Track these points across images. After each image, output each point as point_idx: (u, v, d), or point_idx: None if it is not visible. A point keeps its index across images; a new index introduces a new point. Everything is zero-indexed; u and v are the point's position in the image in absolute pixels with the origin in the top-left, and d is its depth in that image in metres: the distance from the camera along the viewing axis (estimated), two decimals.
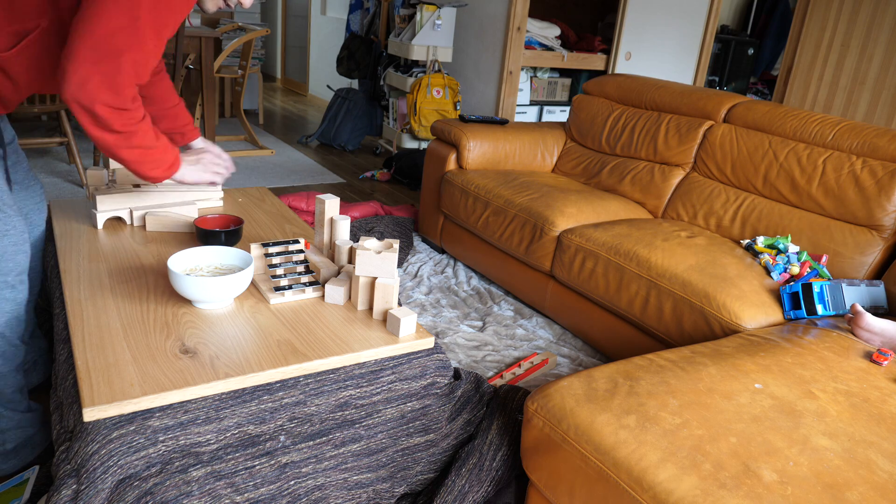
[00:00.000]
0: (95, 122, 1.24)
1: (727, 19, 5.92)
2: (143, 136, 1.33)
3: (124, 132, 1.28)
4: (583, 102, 2.98)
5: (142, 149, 1.34)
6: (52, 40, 1.26)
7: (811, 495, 0.99)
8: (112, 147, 1.29)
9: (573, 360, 2.14)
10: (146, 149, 1.35)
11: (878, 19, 3.40)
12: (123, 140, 1.29)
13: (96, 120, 1.24)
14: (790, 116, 2.26)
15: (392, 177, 4.15)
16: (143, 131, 1.32)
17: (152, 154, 1.37)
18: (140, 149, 1.33)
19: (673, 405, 1.19)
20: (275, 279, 1.44)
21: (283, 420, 1.16)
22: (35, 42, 1.25)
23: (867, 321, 1.54)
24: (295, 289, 1.41)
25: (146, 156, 1.36)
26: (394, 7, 4.64)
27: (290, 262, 1.51)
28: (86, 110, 1.22)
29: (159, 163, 1.40)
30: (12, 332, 1.35)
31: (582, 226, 2.23)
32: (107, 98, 1.21)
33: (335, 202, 1.52)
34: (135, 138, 1.31)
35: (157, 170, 1.39)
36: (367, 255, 1.33)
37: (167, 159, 1.42)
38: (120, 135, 1.28)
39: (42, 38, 1.25)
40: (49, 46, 1.26)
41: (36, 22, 1.23)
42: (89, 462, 0.99)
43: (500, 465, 1.37)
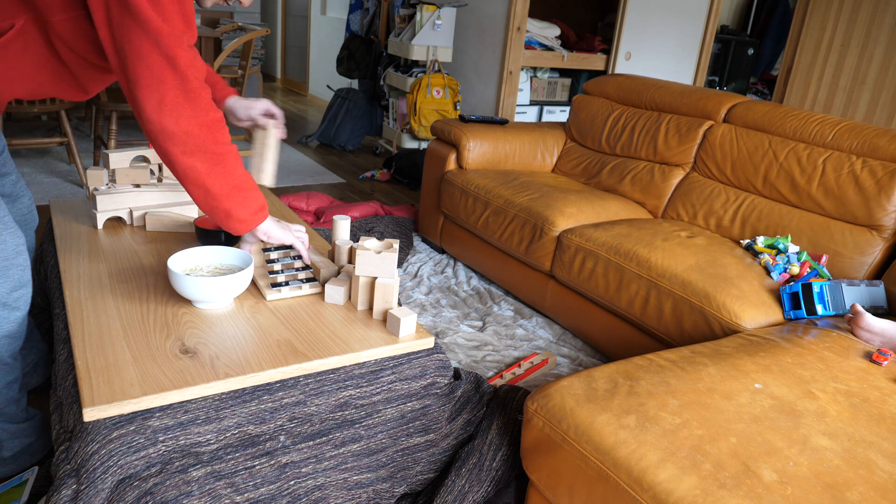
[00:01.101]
0: (184, 145, 1.16)
1: (727, 19, 5.92)
2: (233, 165, 1.24)
3: (217, 152, 1.20)
4: (583, 102, 2.98)
5: (232, 179, 1.24)
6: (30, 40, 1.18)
7: (811, 495, 0.99)
8: (201, 175, 1.20)
9: (573, 360, 2.14)
10: (237, 180, 1.25)
11: (878, 19, 3.40)
12: (214, 166, 1.21)
13: (185, 142, 1.16)
14: (790, 116, 2.26)
15: (392, 177, 4.15)
16: (232, 157, 1.24)
17: (242, 189, 1.26)
18: (230, 178, 1.24)
19: (673, 405, 1.19)
20: (272, 275, 1.45)
21: (283, 420, 1.16)
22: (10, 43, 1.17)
23: (867, 321, 1.54)
24: (292, 285, 1.41)
25: (236, 190, 1.25)
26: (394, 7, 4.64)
27: (287, 257, 1.51)
28: (172, 134, 1.15)
29: (249, 202, 1.29)
30: (5, 349, 1.29)
31: (582, 226, 2.23)
32: (189, 111, 1.15)
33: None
34: (226, 164, 1.22)
35: (244, 209, 1.28)
36: (367, 255, 1.33)
37: (256, 200, 1.31)
38: (211, 157, 1.20)
39: (18, 39, 1.17)
40: (26, 47, 1.18)
41: (10, 21, 1.15)
42: (89, 462, 0.99)
43: (500, 465, 1.37)
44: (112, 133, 3.31)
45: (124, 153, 1.75)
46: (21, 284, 1.29)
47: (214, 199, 1.24)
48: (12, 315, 1.28)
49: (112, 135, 3.31)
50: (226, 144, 1.22)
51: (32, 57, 1.20)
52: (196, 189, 1.22)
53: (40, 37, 1.18)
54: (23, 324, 1.32)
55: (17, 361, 1.34)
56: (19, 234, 1.28)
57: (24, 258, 1.29)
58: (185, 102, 1.15)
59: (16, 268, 1.27)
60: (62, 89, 1.28)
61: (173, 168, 1.20)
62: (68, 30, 1.17)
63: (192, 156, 1.18)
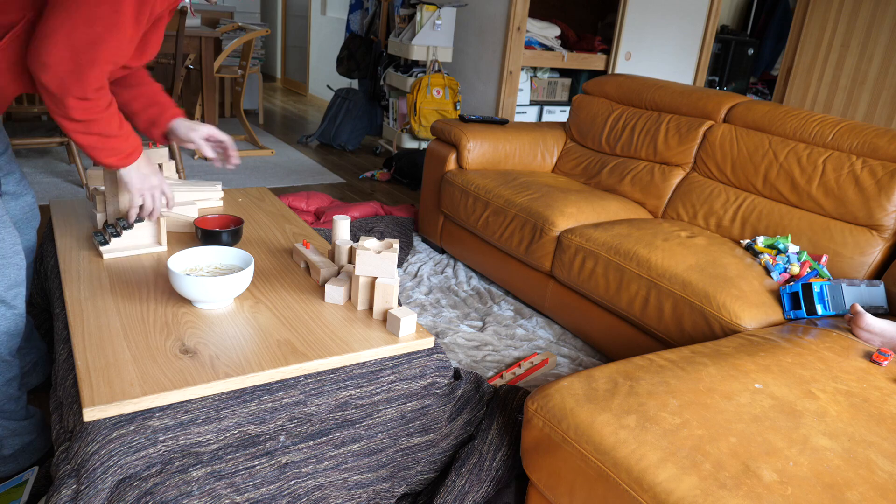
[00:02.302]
0: (59, 108, 1.22)
1: (727, 19, 5.92)
2: (105, 125, 1.30)
3: (85, 120, 1.26)
4: (583, 102, 2.98)
5: (99, 136, 1.31)
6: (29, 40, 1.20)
7: (811, 495, 0.99)
8: (70, 132, 1.28)
9: (573, 360, 2.14)
10: (105, 137, 1.32)
11: (878, 19, 3.40)
12: (83, 127, 1.27)
13: (60, 107, 1.21)
14: (790, 116, 2.26)
15: (392, 177, 4.15)
16: (105, 119, 1.29)
17: (110, 142, 1.34)
18: (97, 136, 1.30)
19: (673, 405, 1.19)
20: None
21: (283, 420, 1.16)
22: (19, 36, 1.18)
23: (867, 321, 1.54)
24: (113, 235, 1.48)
25: (103, 143, 1.32)
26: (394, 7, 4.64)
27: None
28: (53, 96, 1.19)
29: (115, 151, 1.36)
30: (3, 346, 1.30)
31: (582, 226, 2.23)
32: (76, 90, 1.19)
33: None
34: (95, 126, 1.28)
35: (111, 157, 1.36)
36: (367, 255, 1.33)
37: (124, 149, 1.38)
38: (80, 122, 1.26)
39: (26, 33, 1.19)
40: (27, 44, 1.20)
41: (21, 13, 1.17)
42: (89, 462, 0.99)
43: (500, 465, 1.37)
44: None
45: None
46: (18, 282, 1.30)
47: (82, 148, 1.31)
48: (10, 312, 1.29)
49: None
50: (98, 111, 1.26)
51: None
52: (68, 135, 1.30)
53: None
54: (20, 321, 1.32)
55: (16, 359, 1.34)
56: (15, 233, 1.29)
57: (21, 257, 1.30)
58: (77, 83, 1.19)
59: (12, 266, 1.28)
60: None
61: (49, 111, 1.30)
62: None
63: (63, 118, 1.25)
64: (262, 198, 2.05)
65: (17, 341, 1.33)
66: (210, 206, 1.89)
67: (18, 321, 1.32)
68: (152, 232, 1.56)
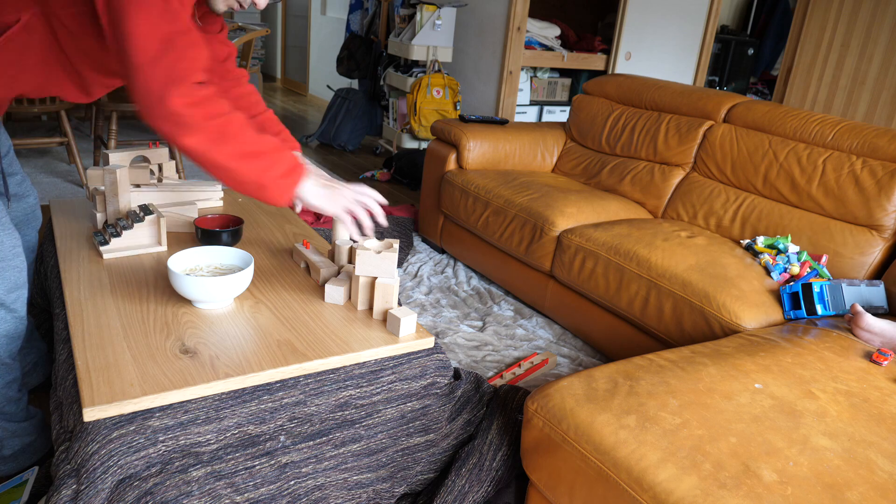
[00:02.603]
0: (178, 125, 1.09)
1: (727, 19, 5.92)
2: (239, 133, 1.13)
3: (211, 127, 1.11)
4: (583, 102, 2.98)
5: (240, 148, 1.13)
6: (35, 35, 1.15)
7: (811, 495, 0.99)
8: (205, 152, 1.11)
9: (573, 360, 2.14)
10: (246, 147, 1.14)
11: (878, 19, 3.40)
12: (215, 139, 1.11)
13: (178, 122, 1.09)
14: (790, 116, 2.26)
15: (392, 177, 4.15)
16: (234, 124, 1.14)
17: (258, 154, 1.14)
18: (237, 147, 1.13)
19: (673, 405, 1.19)
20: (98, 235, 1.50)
21: (283, 420, 1.16)
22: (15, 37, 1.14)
23: (867, 321, 1.54)
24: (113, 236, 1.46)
25: (250, 157, 1.14)
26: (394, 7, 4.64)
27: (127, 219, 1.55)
28: (164, 117, 1.08)
29: (271, 165, 1.15)
30: (3, 349, 1.28)
31: (582, 226, 2.23)
32: (176, 90, 1.07)
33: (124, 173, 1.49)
34: (227, 135, 1.12)
35: (267, 173, 1.15)
36: (367, 255, 1.33)
37: (282, 161, 1.17)
38: (207, 131, 1.11)
39: (23, 34, 1.14)
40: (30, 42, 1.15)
41: (17, 14, 1.13)
42: (89, 462, 0.99)
43: (500, 465, 1.37)
44: (112, 133, 3.31)
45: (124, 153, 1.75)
46: (18, 285, 1.29)
47: (235, 173, 1.13)
48: (10, 315, 1.28)
49: (112, 135, 3.31)
50: (221, 116, 1.13)
51: (37, 52, 1.18)
52: (215, 170, 1.13)
53: (46, 32, 1.16)
54: (21, 324, 1.31)
55: (16, 362, 1.34)
56: (16, 235, 1.27)
57: (21, 259, 1.29)
58: (173, 83, 1.08)
59: (12, 269, 1.27)
60: (65, 88, 1.27)
61: (185, 153, 1.13)
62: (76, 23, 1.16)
63: (192, 136, 1.11)
64: None
65: (18, 344, 1.32)
66: (210, 206, 1.89)
67: (19, 325, 1.31)
68: (152, 232, 1.56)
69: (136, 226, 1.53)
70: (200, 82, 1.13)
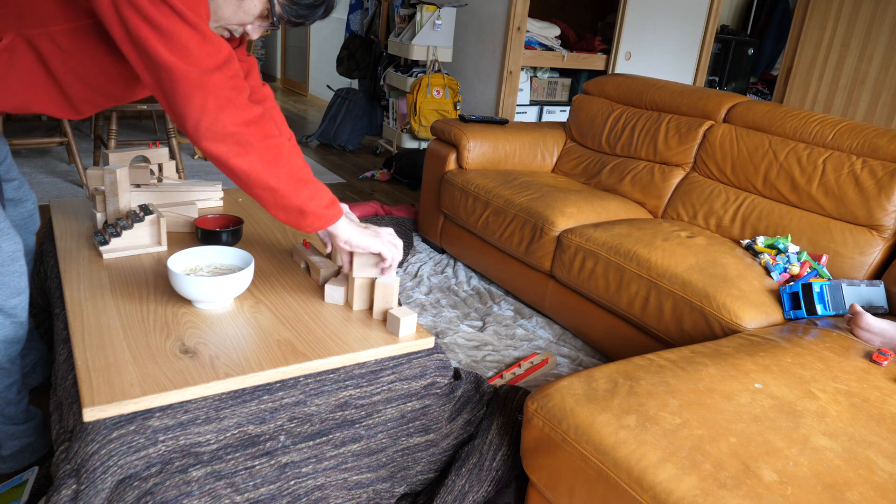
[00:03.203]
0: (235, 147, 1.10)
1: (727, 19, 5.92)
2: (290, 156, 1.16)
3: (269, 146, 1.13)
4: (583, 102, 2.98)
5: (293, 171, 1.16)
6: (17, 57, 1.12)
7: (811, 495, 0.99)
8: (259, 173, 1.13)
9: (573, 360, 2.14)
10: (298, 172, 1.16)
11: (878, 19, 3.40)
12: (271, 161, 1.13)
13: (234, 144, 1.10)
14: (790, 116, 2.26)
15: (392, 177, 4.15)
16: (287, 148, 1.16)
17: (307, 182, 1.18)
18: (290, 171, 1.15)
19: (673, 405, 1.19)
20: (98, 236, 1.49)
21: (283, 420, 1.16)
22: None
23: (867, 321, 1.54)
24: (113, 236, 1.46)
25: (302, 183, 1.17)
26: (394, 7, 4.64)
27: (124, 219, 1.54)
28: (220, 140, 1.09)
29: (318, 194, 1.19)
30: (2, 354, 1.28)
31: (582, 226, 2.23)
32: (231, 111, 1.09)
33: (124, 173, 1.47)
34: (281, 156, 1.15)
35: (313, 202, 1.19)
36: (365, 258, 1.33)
37: (326, 193, 1.21)
38: (263, 154, 1.13)
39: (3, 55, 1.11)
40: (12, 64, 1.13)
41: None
42: (89, 462, 0.99)
43: (500, 465, 1.37)
44: (112, 133, 3.31)
45: (124, 153, 1.75)
46: (18, 291, 1.27)
47: (283, 196, 1.16)
48: (9, 321, 1.27)
49: (112, 135, 3.31)
50: (275, 137, 1.16)
51: (19, 74, 1.15)
52: (262, 191, 1.15)
53: (29, 54, 1.13)
54: (21, 329, 1.30)
55: (16, 365, 1.33)
56: (17, 241, 1.26)
57: (21, 264, 1.27)
58: (226, 104, 1.10)
59: (12, 274, 1.25)
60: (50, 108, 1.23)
61: (233, 175, 1.14)
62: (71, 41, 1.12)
63: (247, 156, 1.12)
64: None
65: (18, 348, 1.32)
66: (210, 206, 1.89)
67: (18, 330, 1.30)
68: (152, 232, 1.56)
69: (136, 226, 1.53)
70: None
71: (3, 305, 1.26)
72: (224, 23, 1.20)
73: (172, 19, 1.03)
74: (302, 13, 1.21)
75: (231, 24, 1.21)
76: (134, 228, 1.53)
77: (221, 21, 1.20)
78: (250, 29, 1.23)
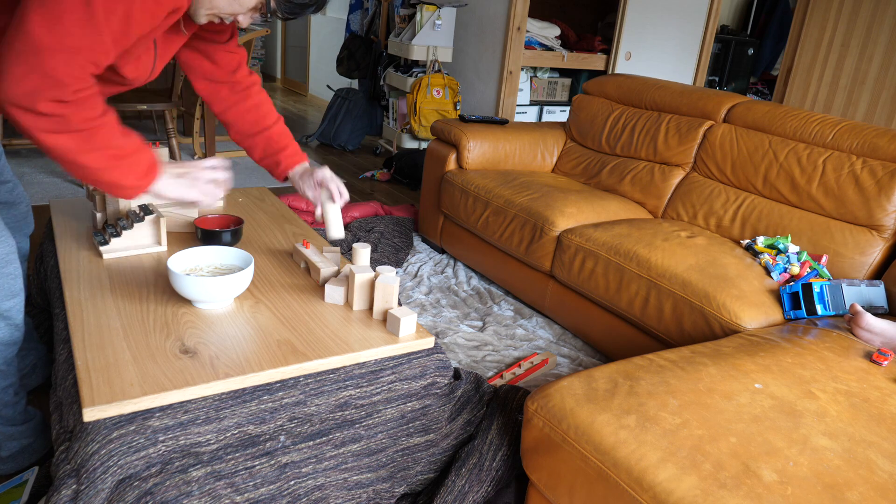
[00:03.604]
0: (45, 124, 1.06)
1: (727, 19, 5.92)
2: (108, 135, 1.12)
3: (83, 130, 1.09)
4: (583, 102, 2.98)
5: (108, 150, 1.13)
6: None
7: (811, 495, 0.99)
8: (71, 153, 1.09)
9: (573, 360, 2.14)
10: (113, 150, 1.14)
11: (878, 19, 3.40)
12: (84, 141, 1.10)
13: (45, 121, 1.05)
14: (790, 116, 2.26)
15: (392, 177, 4.15)
16: (106, 127, 1.12)
17: (122, 158, 1.16)
18: (106, 150, 1.13)
19: (673, 405, 1.19)
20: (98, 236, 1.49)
21: (283, 420, 1.16)
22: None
23: (867, 321, 1.54)
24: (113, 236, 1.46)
25: (115, 160, 1.14)
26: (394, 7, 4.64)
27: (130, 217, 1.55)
28: (29, 111, 1.04)
29: (131, 168, 1.18)
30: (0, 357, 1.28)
31: (582, 226, 2.23)
32: (52, 92, 1.03)
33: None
34: (97, 138, 1.11)
35: (128, 177, 1.18)
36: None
37: (141, 163, 1.20)
38: (78, 134, 1.09)
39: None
40: None
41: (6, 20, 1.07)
42: (89, 462, 0.99)
43: (500, 465, 1.37)
44: None
45: None
46: (13, 294, 1.27)
47: (94, 173, 1.14)
48: (4, 323, 1.27)
49: None
50: (96, 118, 1.12)
51: None
52: (71, 167, 1.13)
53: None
54: (17, 331, 1.30)
55: (12, 368, 1.33)
56: (10, 243, 1.25)
57: (16, 266, 1.27)
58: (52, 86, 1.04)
59: (6, 277, 1.25)
60: None
61: (39, 146, 1.10)
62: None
63: (57, 133, 1.08)
64: (262, 198, 2.05)
65: (14, 350, 1.31)
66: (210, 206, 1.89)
67: (14, 332, 1.29)
68: (152, 232, 1.56)
69: (136, 226, 1.53)
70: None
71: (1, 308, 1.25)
72: (217, 11, 1.21)
73: None
74: (294, 10, 1.23)
75: (223, 13, 1.22)
76: (134, 228, 1.53)
77: (215, 9, 1.20)
78: (241, 19, 1.24)
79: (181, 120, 5.01)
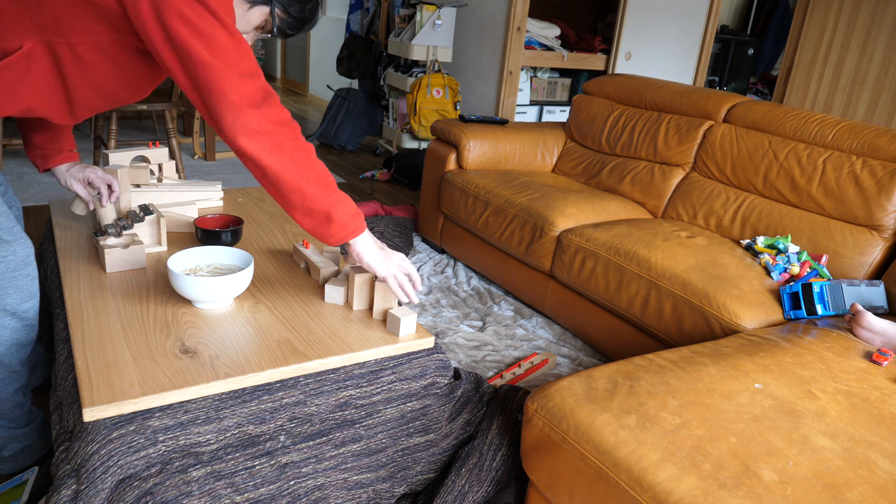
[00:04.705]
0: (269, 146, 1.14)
1: (727, 19, 5.92)
2: (318, 161, 1.19)
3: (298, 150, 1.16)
4: (583, 102, 2.98)
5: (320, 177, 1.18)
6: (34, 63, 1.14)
7: (811, 495, 0.99)
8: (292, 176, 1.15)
9: (573, 360, 2.14)
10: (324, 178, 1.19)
11: (878, 19, 3.40)
12: (302, 164, 1.16)
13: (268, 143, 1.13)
14: (790, 116, 2.26)
15: (392, 177, 4.15)
16: (314, 152, 1.19)
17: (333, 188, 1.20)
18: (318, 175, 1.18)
19: (673, 405, 1.19)
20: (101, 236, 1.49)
21: (283, 420, 1.16)
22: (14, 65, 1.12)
23: (867, 321, 1.54)
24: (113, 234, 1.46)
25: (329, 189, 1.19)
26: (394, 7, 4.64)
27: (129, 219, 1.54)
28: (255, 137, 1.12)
29: (344, 202, 1.22)
30: (12, 358, 1.29)
31: (582, 226, 2.23)
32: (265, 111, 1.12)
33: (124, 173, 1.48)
34: (311, 161, 1.18)
35: (340, 207, 1.21)
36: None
37: (350, 204, 1.23)
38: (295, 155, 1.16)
39: (22, 61, 1.13)
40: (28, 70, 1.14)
41: (19, 42, 1.11)
42: (89, 462, 0.99)
43: (500, 465, 1.37)
44: (112, 133, 3.31)
45: (124, 153, 1.75)
46: (31, 294, 1.29)
47: (311, 199, 1.18)
48: (22, 324, 1.29)
49: (112, 135, 3.31)
50: (304, 140, 1.20)
51: (32, 80, 1.16)
52: (291, 193, 1.17)
53: (48, 60, 1.15)
54: (32, 332, 1.32)
55: (25, 368, 1.34)
56: (28, 244, 1.27)
57: (33, 268, 1.28)
58: (261, 102, 1.13)
59: (25, 278, 1.27)
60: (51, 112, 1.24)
61: (265, 174, 1.15)
62: (89, 52, 1.15)
63: (280, 155, 1.15)
64: (262, 198, 2.05)
65: (28, 351, 1.33)
66: (210, 206, 1.89)
67: (30, 332, 1.31)
68: (152, 232, 1.56)
69: (136, 226, 1.53)
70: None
71: (17, 309, 1.27)
72: None
73: (211, 22, 1.08)
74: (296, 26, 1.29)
75: None
76: (134, 228, 1.53)
77: None
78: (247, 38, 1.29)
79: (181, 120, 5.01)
